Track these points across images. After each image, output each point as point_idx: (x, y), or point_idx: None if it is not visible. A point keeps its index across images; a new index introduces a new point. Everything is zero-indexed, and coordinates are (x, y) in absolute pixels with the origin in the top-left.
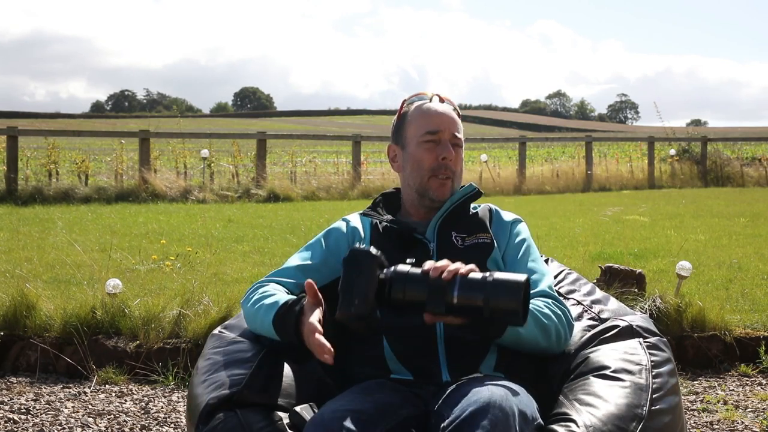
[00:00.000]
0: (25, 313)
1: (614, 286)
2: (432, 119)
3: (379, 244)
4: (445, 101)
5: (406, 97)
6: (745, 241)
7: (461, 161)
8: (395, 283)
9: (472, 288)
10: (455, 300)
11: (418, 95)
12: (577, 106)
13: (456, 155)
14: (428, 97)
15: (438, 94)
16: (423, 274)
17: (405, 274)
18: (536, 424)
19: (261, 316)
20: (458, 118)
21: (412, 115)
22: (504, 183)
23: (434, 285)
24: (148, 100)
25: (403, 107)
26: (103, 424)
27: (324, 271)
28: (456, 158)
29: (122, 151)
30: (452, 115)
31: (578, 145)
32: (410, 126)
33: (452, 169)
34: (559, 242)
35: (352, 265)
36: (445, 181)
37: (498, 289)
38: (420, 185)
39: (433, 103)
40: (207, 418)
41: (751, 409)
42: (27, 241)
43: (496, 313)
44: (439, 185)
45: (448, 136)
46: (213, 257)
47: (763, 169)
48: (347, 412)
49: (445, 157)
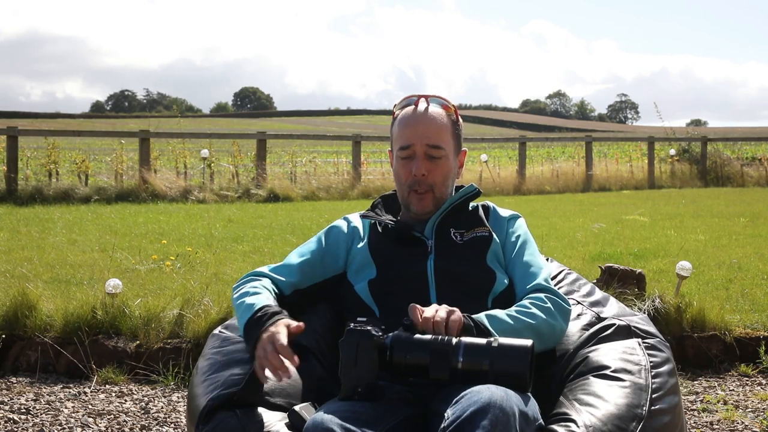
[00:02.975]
0: (25, 313)
1: (614, 287)
2: (404, 133)
3: (378, 244)
4: (430, 105)
5: (402, 96)
6: (745, 241)
7: (441, 170)
8: (397, 349)
9: (477, 354)
10: (460, 365)
11: (407, 98)
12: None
13: (434, 166)
14: (414, 100)
15: (425, 96)
16: (421, 334)
17: (407, 340)
18: (536, 425)
19: (240, 312)
20: (443, 122)
21: (395, 125)
22: (504, 183)
23: (437, 350)
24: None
25: (395, 113)
26: (103, 424)
27: (323, 268)
28: (434, 170)
29: (122, 151)
30: (430, 123)
31: (578, 145)
32: (393, 137)
33: (428, 183)
34: (559, 242)
35: (351, 349)
36: (423, 195)
37: (504, 355)
38: (402, 198)
39: (414, 112)
40: (207, 418)
41: (751, 409)
42: (27, 241)
43: (501, 378)
44: (418, 200)
45: (421, 149)
46: (213, 257)
47: (763, 169)
48: (347, 412)
49: (415, 174)
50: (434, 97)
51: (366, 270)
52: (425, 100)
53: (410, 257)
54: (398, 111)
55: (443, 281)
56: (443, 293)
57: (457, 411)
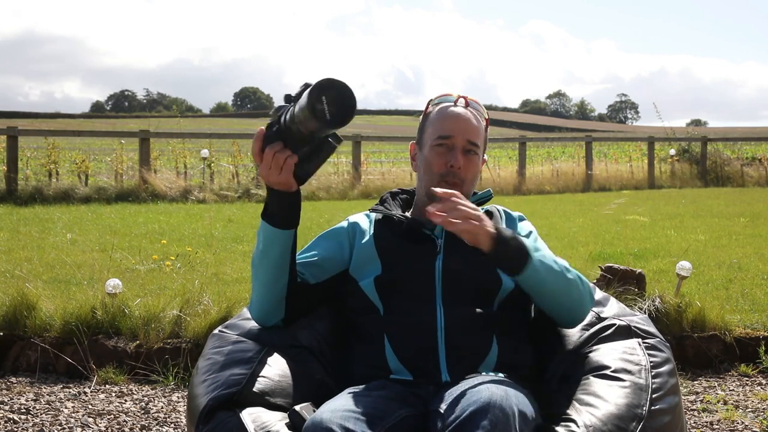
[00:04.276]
0: (25, 313)
1: (614, 286)
2: (446, 124)
3: (384, 239)
4: (469, 105)
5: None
6: (745, 241)
7: (474, 168)
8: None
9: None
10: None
11: (443, 96)
12: (577, 106)
13: (468, 162)
14: (453, 99)
15: (464, 97)
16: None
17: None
18: (536, 424)
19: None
20: (480, 124)
21: (431, 117)
22: (504, 183)
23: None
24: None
25: (428, 108)
26: (103, 424)
27: (325, 266)
28: (467, 165)
29: (122, 151)
30: (470, 120)
31: (578, 145)
32: (428, 128)
33: (461, 177)
34: (559, 242)
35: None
36: (453, 186)
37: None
38: (427, 189)
39: (454, 107)
40: (207, 418)
41: (751, 409)
42: (27, 241)
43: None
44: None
45: (461, 143)
46: (213, 257)
47: (763, 169)
48: (347, 412)
49: (452, 165)
50: (473, 100)
51: (370, 265)
52: (465, 99)
53: (418, 255)
54: (434, 106)
55: (450, 282)
56: (449, 294)
57: (456, 411)
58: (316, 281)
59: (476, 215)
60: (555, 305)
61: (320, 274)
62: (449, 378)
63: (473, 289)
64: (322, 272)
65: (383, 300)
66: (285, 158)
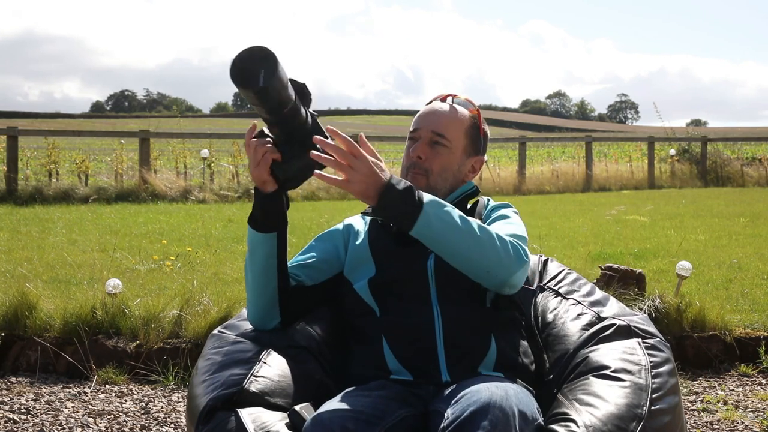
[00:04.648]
0: (25, 313)
1: (614, 286)
2: (417, 118)
3: (378, 241)
4: (451, 101)
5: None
6: (745, 241)
7: (441, 159)
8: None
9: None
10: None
11: (436, 96)
12: (577, 106)
13: (433, 153)
14: (442, 97)
15: (453, 95)
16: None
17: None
18: (536, 424)
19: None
20: (459, 118)
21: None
22: (504, 183)
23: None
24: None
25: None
26: (103, 424)
27: (321, 268)
28: (432, 157)
29: (122, 151)
30: (443, 114)
31: (578, 145)
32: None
33: (423, 167)
34: (559, 242)
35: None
36: (416, 176)
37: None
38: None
39: (432, 104)
40: (207, 418)
41: (751, 409)
42: (27, 241)
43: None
44: (411, 180)
45: (427, 134)
46: (213, 257)
47: (763, 169)
48: (346, 412)
49: (412, 155)
50: (459, 98)
51: (364, 267)
52: (451, 97)
53: (410, 256)
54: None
55: (443, 281)
56: (443, 293)
57: (456, 411)
58: (313, 283)
59: (364, 164)
60: (464, 264)
61: (316, 276)
62: (449, 378)
63: (465, 287)
64: (318, 274)
65: (378, 302)
66: (264, 152)
